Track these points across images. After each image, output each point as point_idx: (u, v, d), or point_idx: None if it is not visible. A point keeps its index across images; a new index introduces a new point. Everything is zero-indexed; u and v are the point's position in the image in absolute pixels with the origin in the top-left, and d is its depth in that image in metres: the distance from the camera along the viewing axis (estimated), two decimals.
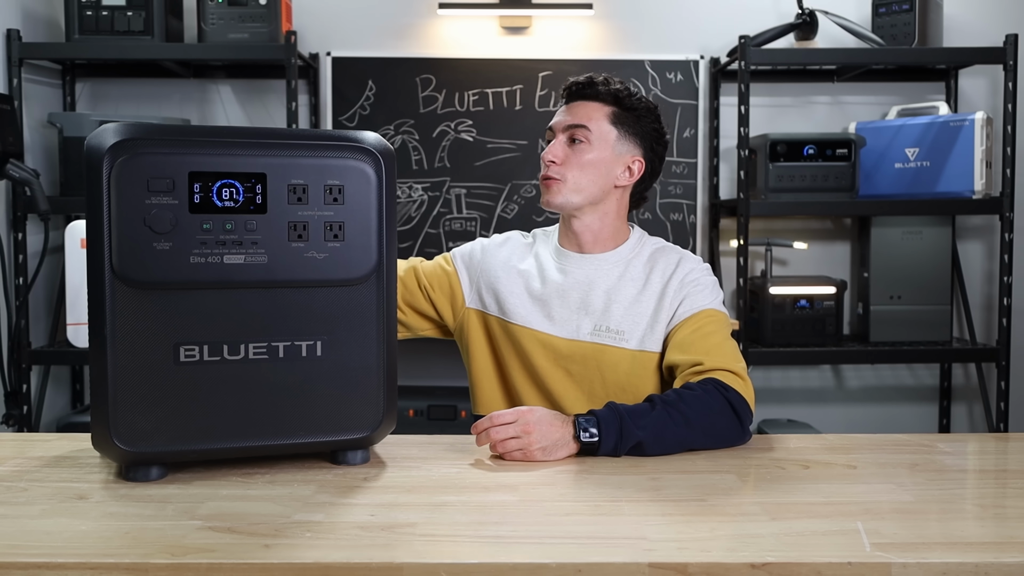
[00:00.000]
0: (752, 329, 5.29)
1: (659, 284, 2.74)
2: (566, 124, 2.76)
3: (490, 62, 5.54)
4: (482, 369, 2.86)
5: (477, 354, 2.86)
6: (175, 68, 5.37)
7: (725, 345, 2.62)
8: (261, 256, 2.03)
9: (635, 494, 2.00)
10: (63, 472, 2.14)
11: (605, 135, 2.75)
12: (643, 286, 2.75)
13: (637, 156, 2.81)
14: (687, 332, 2.65)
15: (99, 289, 1.95)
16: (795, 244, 5.44)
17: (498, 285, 2.83)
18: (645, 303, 2.72)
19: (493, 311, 2.82)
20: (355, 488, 2.02)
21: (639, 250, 2.83)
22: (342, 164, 2.09)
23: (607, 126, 2.76)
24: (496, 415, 2.33)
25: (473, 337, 2.86)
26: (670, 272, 2.75)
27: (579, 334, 2.73)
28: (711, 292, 2.74)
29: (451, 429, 5.01)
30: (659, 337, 2.70)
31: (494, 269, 2.85)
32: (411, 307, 2.88)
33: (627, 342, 2.70)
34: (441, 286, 2.88)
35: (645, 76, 5.54)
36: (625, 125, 2.78)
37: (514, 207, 5.53)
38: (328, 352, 2.12)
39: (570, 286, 2.77)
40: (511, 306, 2.79)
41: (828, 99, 5.71)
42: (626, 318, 2.71)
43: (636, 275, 2.77)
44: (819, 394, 5.83)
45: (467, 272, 2.88)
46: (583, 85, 2.79)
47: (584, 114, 2.76)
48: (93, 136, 1.96)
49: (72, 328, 4.76)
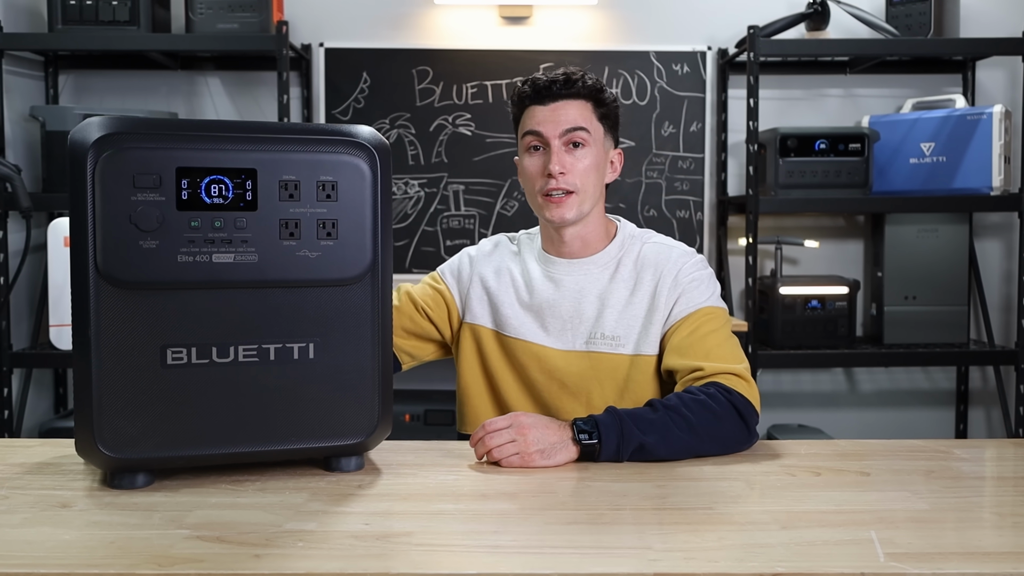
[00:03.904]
0: (761, 330, 5.29)
1: (651, 283, 2.72)
2: (564, 128, 2.70)
3: (489, 53, 5.54)
4: (470, 384, 2.85)
5: (466, 369, 2.85)
6: (162, 60, 5.37)
7: (725, 345, 2.62)
8: (251, 255, 2.03)
9: (639, 502, 2.00)
10: (45, 479, 2.14)
11: (597, 134, 2.74)
12: (634, 286, 2.74)
13: (617, 149, 2.83)
14: (684, 334, 2.64)
15: (83, 289, 1.95)
16: (806, 242, 5.45)
17: (491, 296, 2.82)
18: (638, 305, 2.72)
19: (487, 323, 2.82)
20: (349, 496, 2.02)
21: (628, 246, 2.81)
22: (335, 159, 2.09)
23: (596, 124, 2.74)
24: (489, 422, 2.33)
25: (464, 352, 2.85)
26: (661, 270, 2.73)
27: (574, 344, 2.73)
28: (707, 287, 2.72)
29: (448, 435, 4.97)
30: (655, 339, 2.69)
31: (487, 278, 2.85)
32: (414, 334, 2.87)
33: (623, 347, 2.70)
34: (437, 304, 2.87)
35: (650, 68, 5.54)
36: (606, 120, 2.77)
37: (514, 204, 5.53)
38: (321, 354, 2.12)
39: (561, 295, 2.76)
40: (505, 317, 2.79)
41: (840, 92, 5.71)
42: (620, 323, 2.71)
43: (626, 275, 2.76)
44: (831, 398, 5.83)
45: (458, 287, 2.88)
46: (561, 83, 2.72)
47: (576, 114, 2.71)
48: (77, 130, 1.96)
49: (55, 330, 4.76)
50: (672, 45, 5.58)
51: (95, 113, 4.84)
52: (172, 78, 5.59)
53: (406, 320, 2.85)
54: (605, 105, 2.77)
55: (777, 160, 5.10)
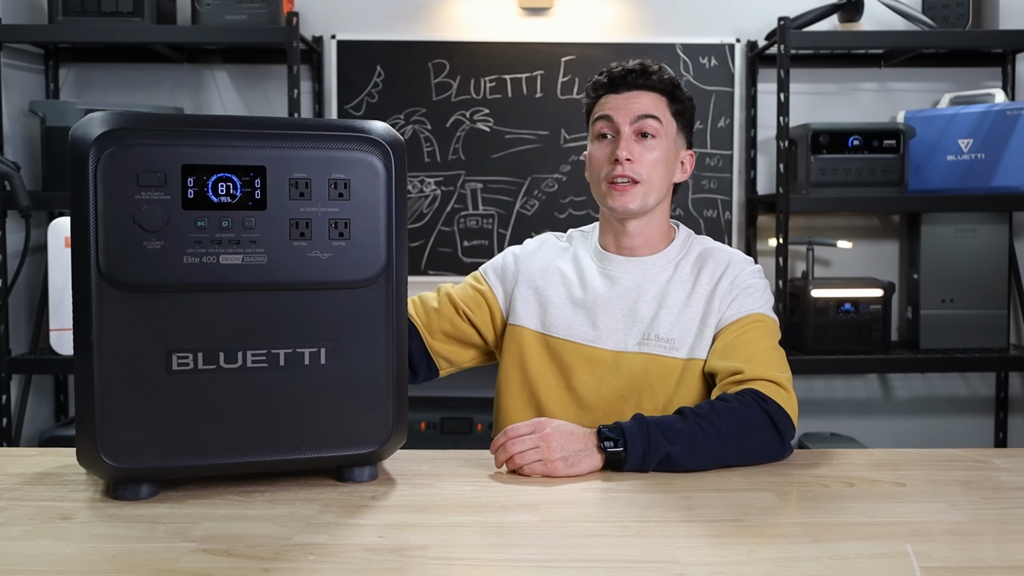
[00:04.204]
0: (792, 335, 5.26)
1: (708, 287, 2.73)
2: (636, 114, 2.72)
3: (508, 46, 5.54)
4: (508, 389, 2.83)
5: (505, 374, 2.84)
6: (167, 52, 5.38)
7: (770, 353, 2.62)
8: (260, 256, 2.03)
9: (666, 513, 2.00)
10: (46, 490, 2.14)
11: (669, 128, 2.76)
12: (691, 289, 2.74)
13: (688, 151, 2.84)
14: (731, 337, 2.65)
15: (85, 292, 1.95)
16: (839, 243, 5.43)
17: (538, 295, 2.82)
18: (694, 308, 2.72)
19: (532, 325, 2.81)
20: (362, 507, 2.02)
21: (687, 250, 2.82)
22: (348, 156, 2.09)
23: (670, 118, 2.76)
24: (510, 428, 2.33)
25: (505, 356, 2.84)
26: (719, 274, 2.74)
27: (626, 345, 2.72)
28: (761, 295, 2.73)
29: (466, 443, 5.01)
30: (707, 344, 2.69)
31: (532, 278, 2.84)
32: (453, 338, 2.87)
33: (677, 351, 2.70)
34: (479, 306, 2.86)
35: (676, 61, 5.53)
36: (680, 117, 2.79)
37: (534, 203, 5.53)
38: (333, 360, 2.12)
39: (617, 293, 2.76)
40: (552, 317, 2.78)
41: (874, 86, 5.69)
42: (676, 325, 2.70)
43: (684, 277, 2.76)
44: (865, 405, 5.81)
45: (502, 286, 2.88)
46: (637, 73, 2.75)
47: (649, 104, 2.73)
48: (78, 126, 1.97)
49: (55, 334, 4.77)
50: (699, 37, 5.56)
51: (97, 108, 4.85)
52: (178, 72, 5.60)
53: (445, 323, 2.84)
54: (680, 102, 2.79)
55: (809, 157, 5.09)
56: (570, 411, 2.73)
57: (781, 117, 5.06)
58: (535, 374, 2.79)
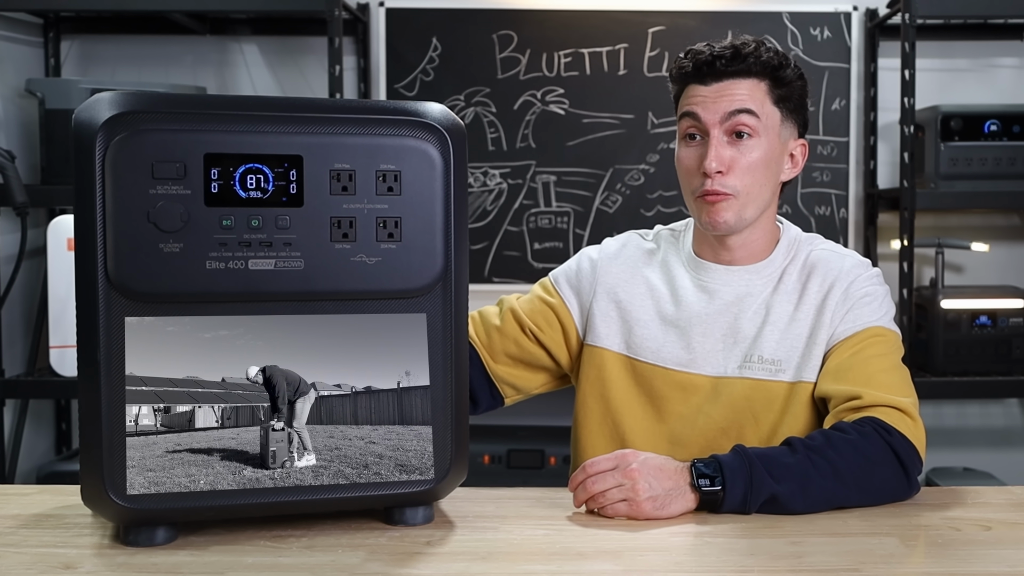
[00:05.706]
0: (919, 353, 5.23)
1: (817, 297, 2.69)
2: (726, 112, 2.64)
3: (587, 15, 5.53)
4: (588, 419, 2.81)
5: (584, 403, 2.82)
6: (187, 22, 5.41)
7: (893, 374, 2.58)
8: (296, 261, 2.03)
9: (770, 563, 1.99)
10: (45, 534, 2.15)
11: (771, 121, 2.68)
12: (799, 300, 2.70)
13: (800, 140, 2.78)
14: (846, 355, 2.60)
15: (91, 302, 1.96)
16: (973, 246, 5.40)
17: (621, 310, 2.79)
18: (801, 322, 2.68)
19: (616, 346, 2.78)
20: (415, 555, 2.02)
21: (793, 253, 2.77)
22: (399, 144, 2.09)
23: (771, 108, 2.69)
24: (590, 463, 2.32)
25: (583, 381, 2.82)
26: (831, 282, 2.69)
27: (726, 369, 2.69)
28: (880, 306, 2.68)
29: (537, 480, 5.01)
30: (817, 363, 2.65)
31: (614, 289, 2.81)
32: (520, 361, 2.85)
33: (783, 373, 2.66)
34: (549, 323, 2.84)
35: (783, 32, 5.51)
36: (786, 103, 2.72)
37: (616, 198, 5.52)
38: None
39: (716, 308, 2.72)
40: (639, 338, 2.76)
41: (1016, 61, 5.66)
42: (782, 344, 2.67)
43: (791, 286, 2.73)
44: (1003, 435, 5.78)
45: (577, 299, 2.85)
46: (728, 58, 2.66)
47: (745, 95, 2.65)
48: (83, 108, 1.97)
49: (56, 352, 4.80)
50: (810, 4, 5.54)
51: (105, 88, 4.86)
52: (199, 44, 5.64)
53: (510, 344, 2.83)
54: (785, 84, 2.71)
55: (938, 145, 5.06)
56: (661, 446, 2.69)
57: (906, 98, 5.02)
58: (619, 404, 2.76)
